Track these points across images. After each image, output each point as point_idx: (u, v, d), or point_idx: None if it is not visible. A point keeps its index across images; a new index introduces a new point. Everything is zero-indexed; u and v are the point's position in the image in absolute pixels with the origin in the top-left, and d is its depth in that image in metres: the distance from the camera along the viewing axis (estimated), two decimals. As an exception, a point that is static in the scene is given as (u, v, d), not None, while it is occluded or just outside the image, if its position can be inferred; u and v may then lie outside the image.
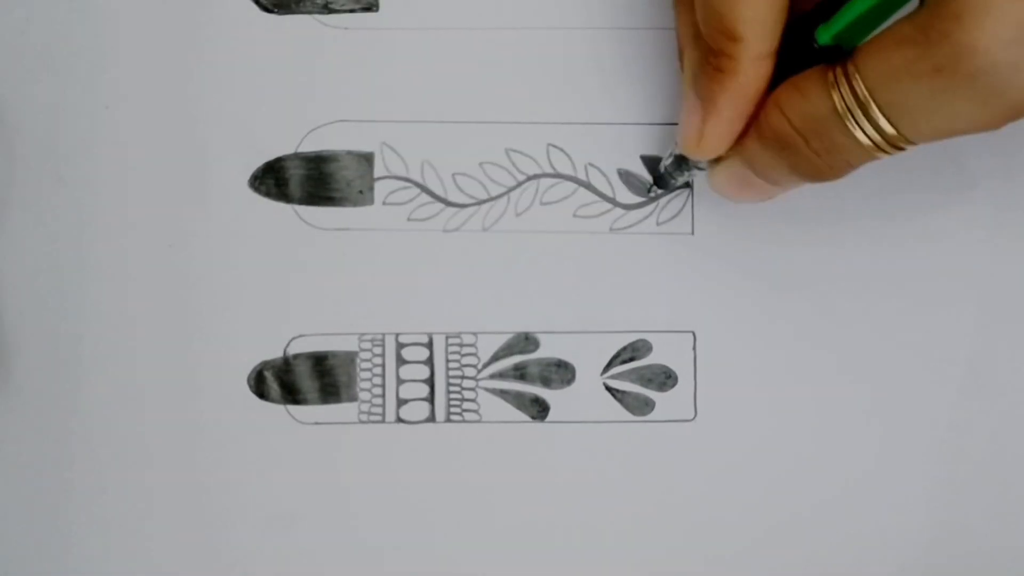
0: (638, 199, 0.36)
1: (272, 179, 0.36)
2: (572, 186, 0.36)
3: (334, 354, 0.36)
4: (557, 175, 0.36)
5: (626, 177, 0.36)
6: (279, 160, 0.36)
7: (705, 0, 0.29)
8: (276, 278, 0.36)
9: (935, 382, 0.36)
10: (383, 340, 0.36)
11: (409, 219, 0.36)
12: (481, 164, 0.36)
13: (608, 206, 0.36)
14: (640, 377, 0.36)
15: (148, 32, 0.36)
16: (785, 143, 0.30)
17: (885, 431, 0.36)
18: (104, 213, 0.36)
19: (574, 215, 0.36)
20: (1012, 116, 0.27)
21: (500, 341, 0.36)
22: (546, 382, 0.36)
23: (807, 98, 0.29)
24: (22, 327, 0.36)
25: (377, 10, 0.36)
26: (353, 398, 0.36)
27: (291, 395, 0.36)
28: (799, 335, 0.36)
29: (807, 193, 0.36)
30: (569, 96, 0.36)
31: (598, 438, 0.36)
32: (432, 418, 0.36)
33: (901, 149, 0.29)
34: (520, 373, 0.36)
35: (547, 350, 0.36)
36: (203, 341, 0.36)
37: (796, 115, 0.29)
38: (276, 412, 0.36)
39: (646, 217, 0.36)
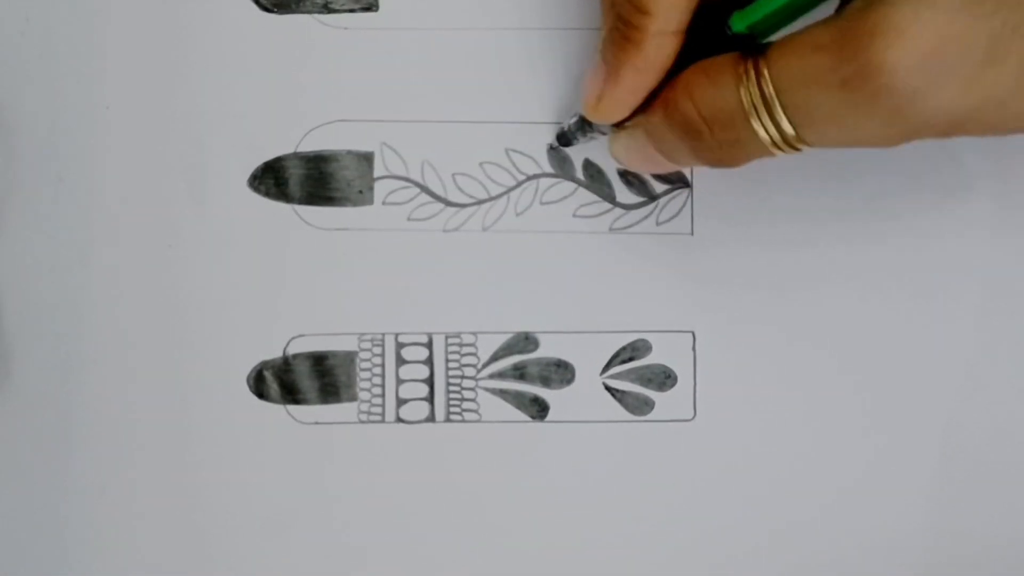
0: (638, 199, 0.36)
1: (272, 179, 0.36)
2: (572, 186, 0.36)
3: (334, 354, 0.36)
4: (557, 175, 0.36)
5: (626, 177, 0.36)
6: (279, 160, 0.36)
7: None
8: (276, 278, 0.36)
9: (935, 382, 0.36)
10: (383, 340, 0.36)
11: (409, 219, 0.36)
12: (481, 164, 0.36)
13: (608, 206, 0.36)
14: (640, 377, 0.36)
15: (148, 32, 0.36)
16: (690, 128, 0.30)
17: (885, 431, 0.36)
18: (104, 213, 0.36)
19: (574, 215, 0.36)
20: (910, 137, 0.27)
21: (500, 341, 0.36)
22: (546, 382, 0.36)
23: (716, 87, 0.29)
24: (22, 327, 0.36)
25: (377, 10, 0.36)
26: (353, 398, 0.36)
27: (291, 395, 0.36)
28: (798, 335, 0.36)
29: (807, 193, 0.36)
30: (569, 96, 0.36)
31: (598, 438, 0.36)
32: (432, 418, 0.36)
33: (798, 150, 0.29)
34: (520, 373, 0.36)
35: (547, 350, 0.36)
36: (203, 341, 0.36)
37: (704, 103, 0.29)
38: (276, 412, 0.36)
39: (646, 217, 0.36)
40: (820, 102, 0.27)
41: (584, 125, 0.34)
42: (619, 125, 0.33)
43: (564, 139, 0.36)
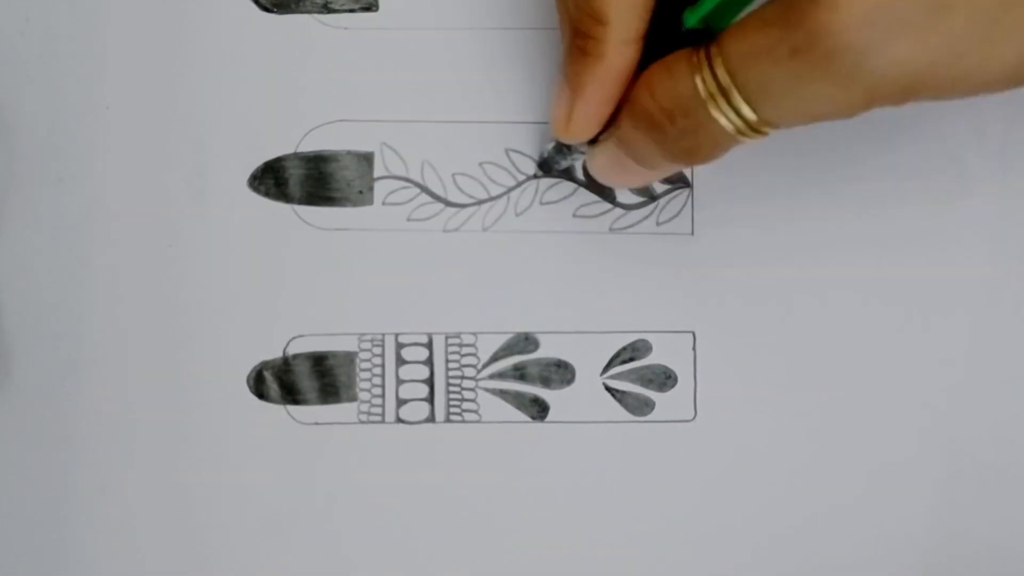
0: (638, 199, 0.36)
1: (272, 179, 0.36)
2: (572, 186, 0.36)
3: (334, 354, 0.36)
4: (557, 175, 0.36)
5: (626, 177, 0.36)
6: (279, 160, 0.36)
7: None
8: (276, 278, 0.36)
9: (935, 382, 0.36)
10: (383, 340, 0.36)
11: (409, 219, 0.36)
12: (481, 164, 0.36)
13: (608, 206, 0.36)
14: (640, 377, 0.36)
15: (147, 32, 0.36)
16: (652, 124, 0.30)
17: (885, 431, 0.36)
18: (104, 213, 0.36)
19: (574, 215, 0.36)
20: (869, 100, 0.27)
21: (500, 341, 0.36)
22: (546, 382, 0.36)
23: (673, 80, 0.29)
24: (22, 327, 0.36)
25: (377, 10, 0.36)
26: (353, 398, 0.36)
27: (290, 395, 0.36)
28: (799, 335, 0.36)
29: (807, 194, 0.36)
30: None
31: (598, 438, 0.36)
32: (432, 418, 0.36)
33: (764, 134, 0.28)
34: (520, 373, 0.36)
35: (547, 350, 0.36)
36: (202, 341, 0.36)
37: (663, 96, 0.29)
38: (275, 412, 0.36)
39: (646, 217, 0.36)
40: (773, 76, 0.27)
41: (562, 148, 0.34)
42: (593, 141, 0.33)
43: (545, 166, 0.36)
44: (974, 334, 0.36)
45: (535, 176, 0.36)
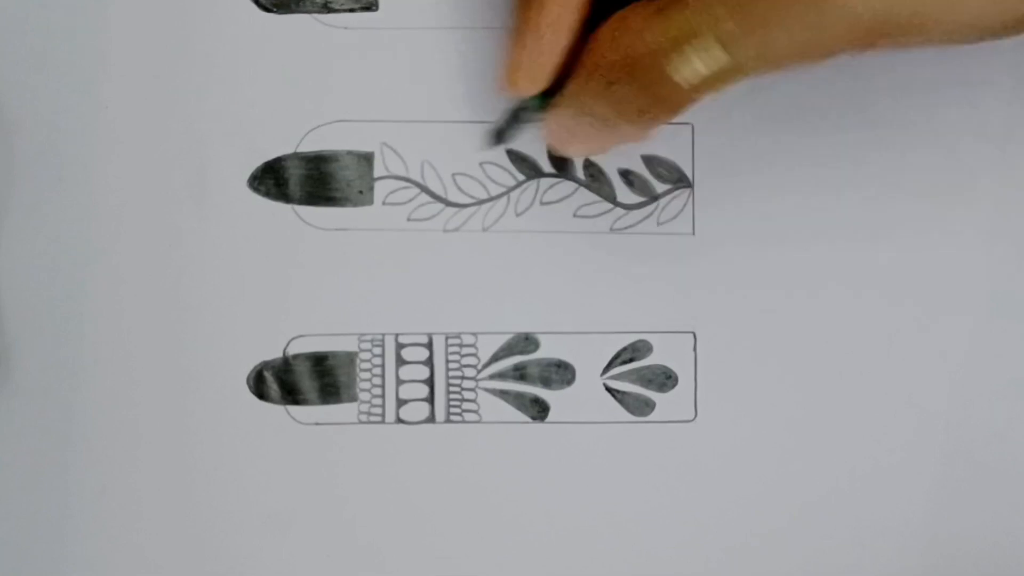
0: (639, 199, 0.36)
1: (272, 179, 0.36)
2: (572, 186, 0.36)
3: (334, 354, 0.36)
4: (557, 175, 0.36)
5: (626, 177, 0.36)
6: (279, 160, 0.36)
7: None
8: (276, 278, 0.36)
9: (935, 382, 0.36)
10: (383, 340, 0.36)
11: (409, 219, 0.36)
12: (481, 164, 0.36)
13: (608, 206, 0.36)
14: (640, 378, 0.36)
15: (147, 32, 0.36)
16: (613, 76, 0.29)
17: (885, 431, 0.36)
18: (104, 213, 0.36)
19: (574, 215, 0.36)
20: (837, 39, 0.26)
21: (500, 341, 0.36)
22: (546, 382, 0.36)
23: (634, 30, 0.28)
24: (22, 327, 0.36)
25: (377, 10, 0.36)
26: (353, 398, 0.36)
27: (291, 395, 0.36)
28: (799, 336, 0.36)
29: (808, 194, 0.36)
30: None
31: (598, 439, 0.36)
32: (432, 418, 0.36)
33: (726, 84, 0.28)
34: (520, 373, 0.36)
35: (547, 350, 0.36)
36: (202, 341, 0.36)
37: (627, 45, 0.28)
38: (276, 412, 0.36)
39: (646, 217, 0.36)
40: (747, 14, 0.26)
41: (514, 118, 0.33)
42: (547, 106, 0.32)
43: (498, 136, 0.35)
44: (974, 334, 0.36)
45: (490, 146, 0.35)
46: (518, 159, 0.36)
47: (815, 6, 0.26)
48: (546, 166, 0.36)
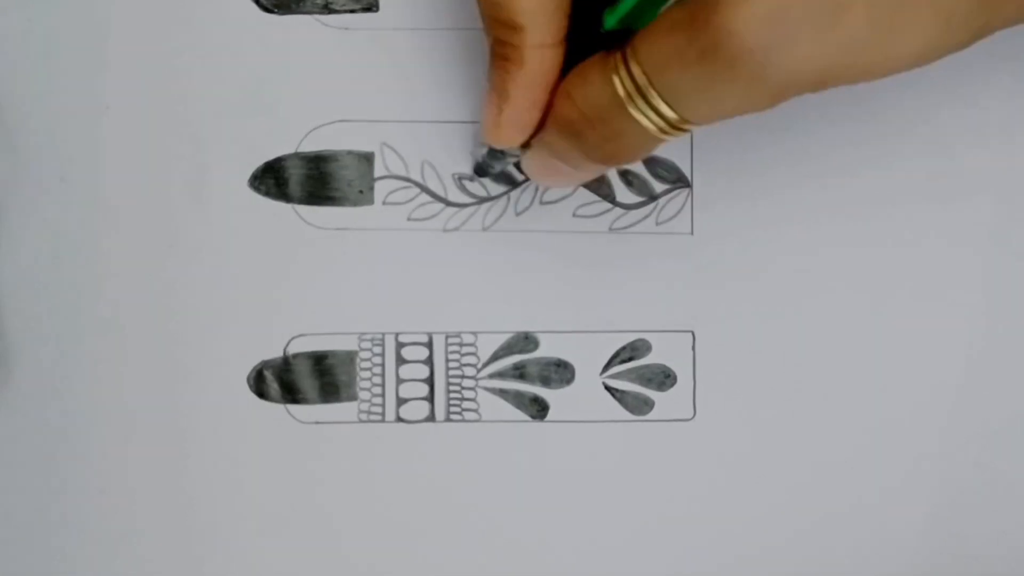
0: (638, 199, 0.36)
1: (272, 179, 0.36)
2: (572, 186, 0.36)
3: (334, 353, 0.36)
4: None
5: (625, 177, 0.36)
6: (279, 160, 0.36)
7: None
8: (276, 277, 0.36)
9: (935, 382, 0.36)
10: (383, 339, 0.36)
11: (409, 219, 0.36)
12: (481, 164, 0.36)
13: (608, 206, 0.36)
14: (639, 377, 0.36)
15: (148, 32, 0.36)
16: (574, 129, 0.30)
17: (885, 431, 0.36)
18: (105, 213, 0.36)
19: (574, 215, 0.36)
20: (782, 95, 0.27)
21: (500, 341, 0.36)
22: (546, 382, 0.36)
23: (591, 84, 0.29)
24: (22, 327, 0.36)
25: (377, 10, 0.37)
26: (353, 397, 0.36)
27: (291, 394, 0.36)
28: (798, 335, 0.36)
29: (808, 193, 0.36)
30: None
31: (597, 438, 0.36)
32: (432, 417, 0.36)
33: (685, 131, 0.28)
34: (520, 372, 0.36)
35: (547, 350, 0.36)
36: (203, 340, 0.36)
37: (582, 101, 0.29)
38: (276, 411, 0.36)
39: (646, 217, 0.36)
40: (685, 78, 0.27)
41: (496, 152, 0.34)
42: (526, 145, 0.32)
43: (480, 170, 0.36)
44: (975, 334, 0.36)
45: (471, 179, 0.36)
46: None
47: (755, 73, 0.26)
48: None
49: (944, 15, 0.26)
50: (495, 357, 0.36)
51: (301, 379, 0.36)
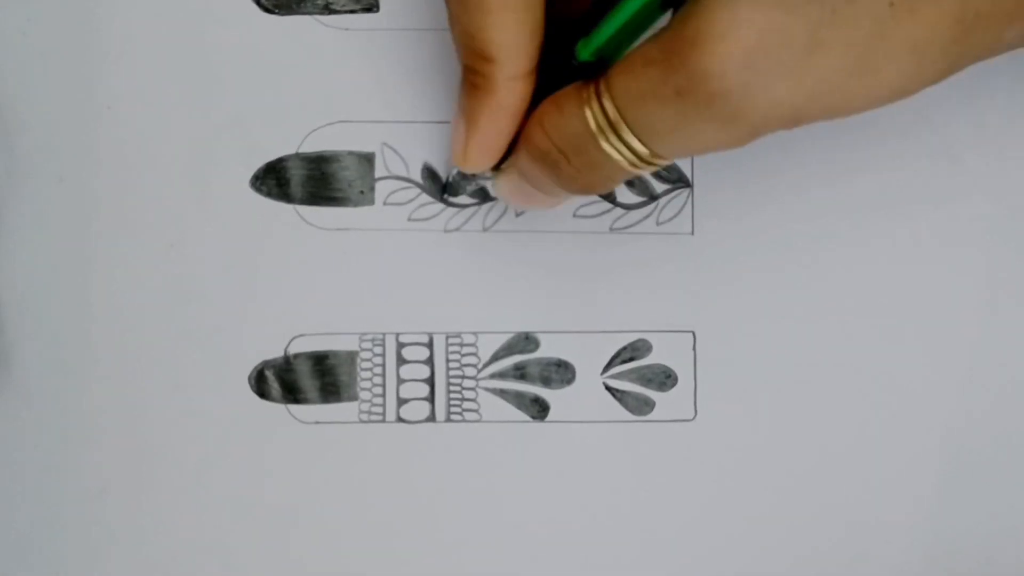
0: (638, 199, 0.36)
1: (273, 179, 0.36)
2: (572, 186, 0.36)
3: (335, 353, 0.36)
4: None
5: (626, 177, 0.36)
6: (280, 160, 0.36)
7: (455, 18, 0.29)
8: (277, 278, 0.36)
9: (935, 382, 0.36)
10: (383, 340, 0.36)
11: (409, 219, 0.36)
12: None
13: (608, 206, 0.36)
14: (640, 377, 0.36)
15: (149, 32, 0.36)
16: (548, 160, 0.30)
17: (885, 431, 0.36)
18: (105, 213, 0.36)
19: (574, 215, 0.36)
20: (752, 135, 0.27)
21: (500, 341, 0.36)
22: (546, 382, 0.36)
23: (564, 116, 0.29)
24: (22, 327, 0.36)
25: (377, 10, 0.37)
26: (353, 397, 0.36)
27: (292, 394, 0.36)
28: (799, 335, 0.36)
29: (808, 193, 0.36)
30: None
31: (598, 438, 0.36)
32: (432, 417, 0.36)
33: (658, 165, 0.29)
34: (520, 373, 0.36)
35: (547, 350, 0.36)
36: (204, 340, 0.36)
37: (555, 133, 0.29)
38: (277, 411, 0.36)
39: (646, 217, 0.36)
40: (660, 115, 0.27)
41: (464, 176, 0.34)
42: (497, 167, 0.33)
43: (452, 190, 0.36)
44: (974, 334, 0.36)
45: (443, 200, 0.36)
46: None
47: (730, 113, 0.26)
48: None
49: (918, 52, 0.26)
50: (496, 357, 0.36)
51: (302, 379, 0.36)
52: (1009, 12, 0.27)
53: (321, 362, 0.36)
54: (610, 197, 0.36)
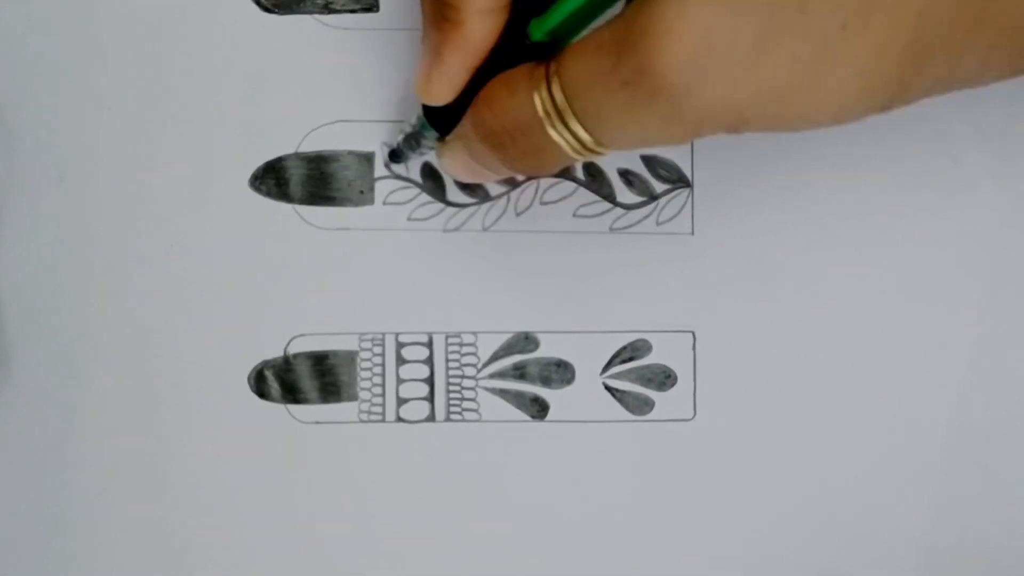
0: (638, 199, 0.36)
1: (273, 179, 0.36)
2: (572, 186, 0.36)
3: (334, 353, 0.36)
4: (557, 175, 0.36)
5: (626, 177, 0.36)
6: (280, 160, 0.36)
7: None
8: (277, 277, 0.36)
9: (936, 382, 0.36)
10: (383, 339, 0.36)
11: (409, 219, 0.36)
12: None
13: (608, 206, 0.36)
14: (640, 377, 0.36)
15: (148, 32, 0.36)
16: (494, 139, 0.30)
17: (885, 430, 0.36)
18: (105, 213, 0.36)
19: (574, 215, 0.36)
20: (696, 132, 0.27)
21: (500, 341, 0.36)
22: (546, 381, 0.36)
23: (513, 97, 0.29)
24: (22, 327, 0.36)
25: (377, 10, 0.37)
26: (353, 397, 0.36)
27: (291, 394, 0.36)
28: (798, 335, 0.36)
29: (808, 193, 0.36)
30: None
31: (598, 437, 0.36)
32: (432, 417, 0.36)
33: (601, 154, 0.29)
34: (520, 372, 0.36)
35: (547, 350, 0.36)
36: (203, 340, 0.36)
37: (503, 114, 0.29)
38: (276, 411, 0.36)
39: (646, 217, 0.36)
40: (606, 104, 0.27)
41: (412, 141, 0.34)
42: (441, 139, 0.33)
43: (395, 156, 0.36)
44: (975, 335, 0.36)
45: (386, 164, 0.36)
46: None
47: (674, 108, 0.26)
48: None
49: (865, 76, 0.26)
50: (495, 357, 0.36)
51: (302, 379, 0.36)
52: (960, 46, 0.27)
53: (321, 362, 0.36)
54: (610, 197, 0.36)
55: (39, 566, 0.36)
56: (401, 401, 0.36)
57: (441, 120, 0.32)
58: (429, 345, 0.36)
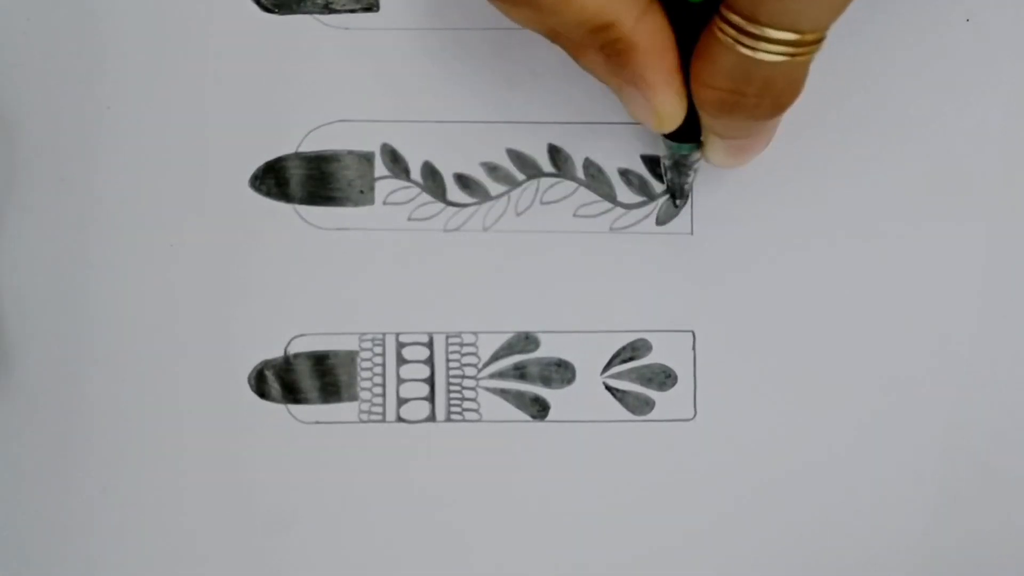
0: (638, 199, 0.36)
1: (273, 179, 0.36)
2: (572, 186, 0.36)
3: (335, 353, 0.36)
4: (557, 175, 0.36)
5: (626, 177, 0.36)
6: (280, 160, 0.36)
7: (553, 9, 0.29)
8: (277, 277, 0.36)
9: (935, 381, 0.36)
10: (383, 339, 0.36)
11: (409, 219, 0.36)
12: (481, 164, 0.36)
13: (608, 206, 0.36)
14: (640, 376, 0.36)
15: (148, 32, 0.36)
16: (727, 105, 0.30)
17: (885, 430, 0.36)
18: (105, 213, 0.36)
19: (574, 215, 0.36)
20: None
21: (500, 341, 0.36)
22: (546, 381, 0.36)
23: (715, 62, 0.29)
24: (22, 327, 0.36)
25: (377, 10, 0.37)
26: (354, 397, 0.36)
27: (292, 394, 0.36)
28: (799, 334, 0.36)
29: (807, 193, 0.36)
30: (569, 96, 0.36)
31: (598, 437, 0.36)
32: (432, 417, 0.36)
33: (817, 44, 0.29)
34: (520, 372, 0.36)
35: (547, 349, 0.36)
36: (204, 340, 0.36)
37: (718, 79, 0.29)
38: (277, 411, 0.36)
39: (646, 217, 0.36)
40: None
41: (680, 169, 0.34)
42: (697, 144, 0.33)
43: (676, 193, 0.36)
44: (975, 334, 0.36)
45: (675, 205, 0.36)
46: (518, 159, 0.36)
47: None
48: (546, 166, 0.36)
49: None
50: (495, 357, 0.36)
51: (302, 379, 0.36)
52: None
53: (321, 362, 0.36)
54: (610, 197, 0.36)
55: (39, 566, 0.36)
56: (401, 401, 0.36)
57: (687, 131, 0.32)
58: (429, 345, 0.36)
